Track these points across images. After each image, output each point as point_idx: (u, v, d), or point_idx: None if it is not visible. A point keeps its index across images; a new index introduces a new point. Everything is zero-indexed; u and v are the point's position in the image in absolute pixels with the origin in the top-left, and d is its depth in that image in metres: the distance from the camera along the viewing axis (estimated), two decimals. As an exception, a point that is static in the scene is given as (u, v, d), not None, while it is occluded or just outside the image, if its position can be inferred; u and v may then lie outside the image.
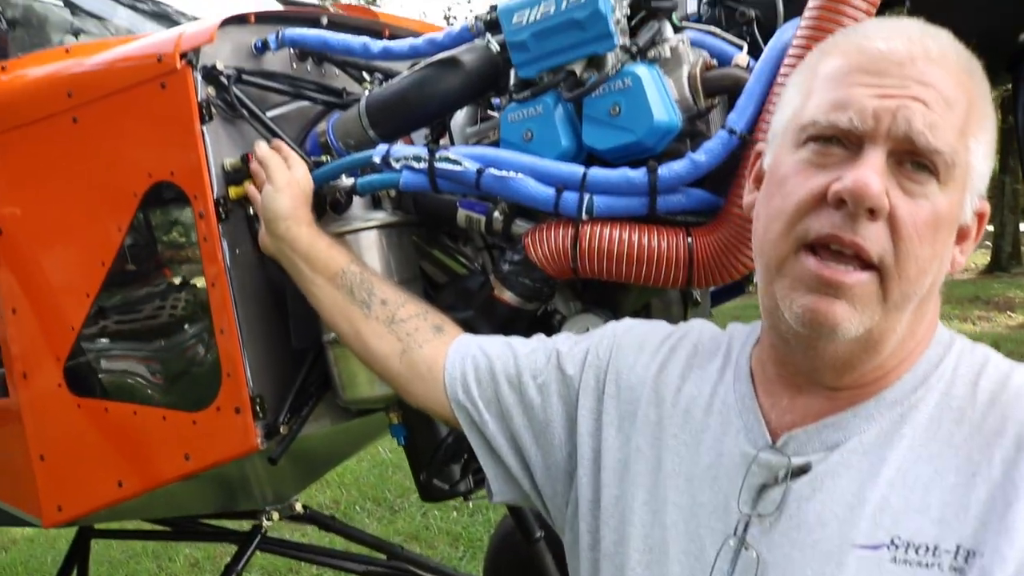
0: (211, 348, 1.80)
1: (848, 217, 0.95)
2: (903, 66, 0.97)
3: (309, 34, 1.86)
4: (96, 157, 1.93)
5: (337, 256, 1.57)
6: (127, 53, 1.94)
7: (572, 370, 1.29)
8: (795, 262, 0.99)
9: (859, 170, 0.95)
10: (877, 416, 1.03)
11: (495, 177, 1.53)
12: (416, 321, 1.47)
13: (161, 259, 1.97)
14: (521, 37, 1.56)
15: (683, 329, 1.29)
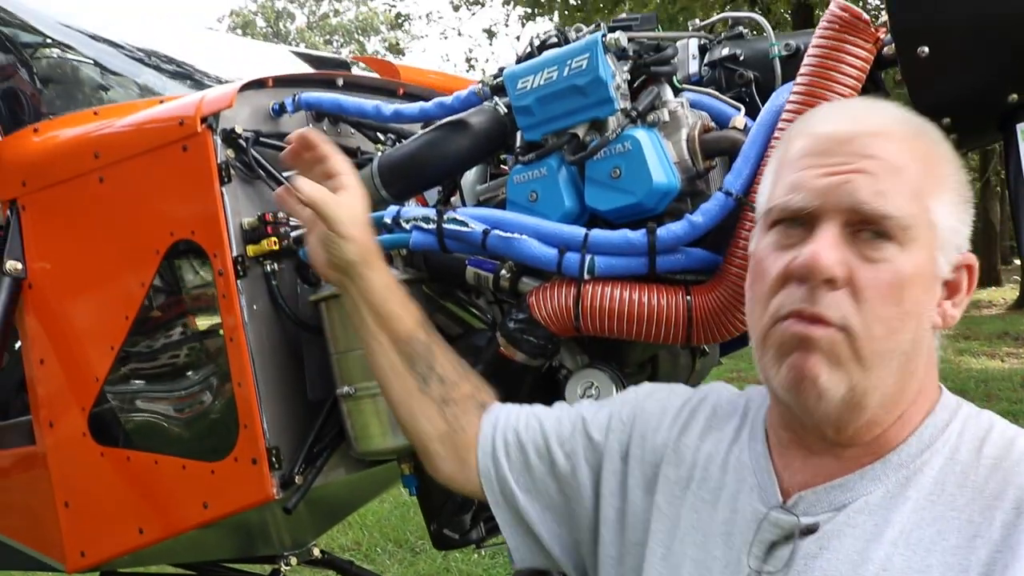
0: (229, 400, 1.86)
1: (809, 291, 1.02)
2: (846, 143, 1.04)
3: (324, 97, 1.94)
4: (121, 215, 2.01)
5: (407, 318, 1.48)
6: (151, 116, 2.02)
7: (597, 436, 1.34)
8: (772, 333, 1.06)
9: (812, 244, 1.02)
10: (883, 478, 1.07)
11: (500, 238, 1.58)
12: (466, 403, 1.47)
13: (182, 314, 2.04)
14: (526, 102, 1.62)
15: (702, 392, 1.35)
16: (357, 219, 1.42)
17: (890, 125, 1.07)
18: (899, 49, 1.46)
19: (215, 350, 1.94)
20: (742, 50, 1.80)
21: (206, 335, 1.99)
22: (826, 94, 1.42)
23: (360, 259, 1.42)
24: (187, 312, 2.03)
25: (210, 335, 1.97)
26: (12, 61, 2.46)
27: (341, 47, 37.68)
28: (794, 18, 15.03)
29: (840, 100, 1.40)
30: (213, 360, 1.95)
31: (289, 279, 1.87)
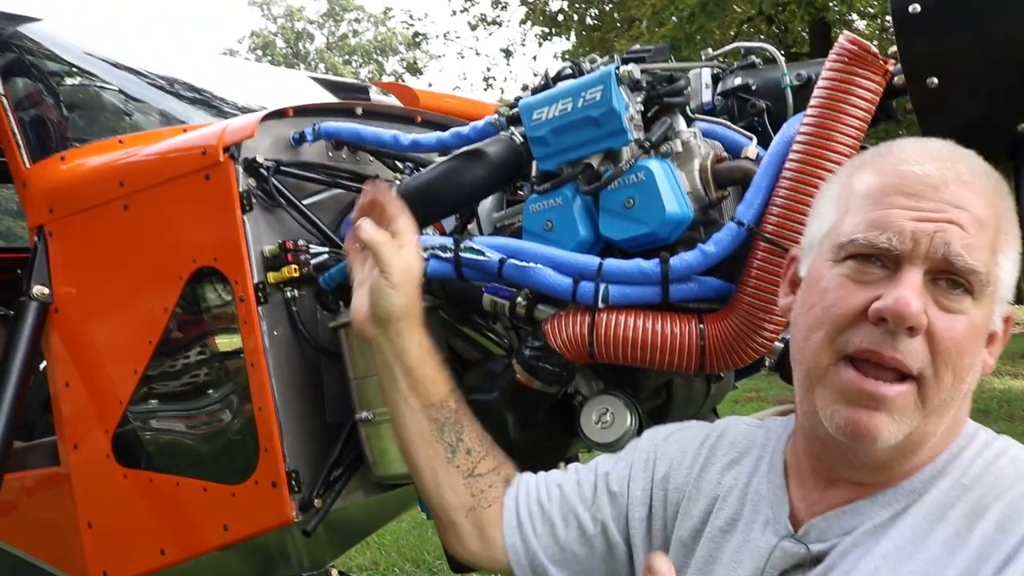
0: (249, 424, 1.88)
1: (888, 334, 1.01)
2: (938, 189, 1.03)
3: (343, 127, 1.97)
4: (145, 242, 2.06)
5: (440, 384, 1.47)
6: (174, 146, 2.07)
7: (619, 488, 1.36)
8: (835, 373, 1.05)
9: (899, 290, 1.01)
10: (893, 502, 1.09)
11: (516, 267, 1.61)
12: (492, 477, 1.46)
13: (203, 339, 2.07)
14: (541, 132, 1.65)
15: (719, 427, 1.37)
16: (410, 274, 1.45)
17: (978, 177, 1.07)
18: (908, 80, 1.48)
19: (236, 374, 1.97)
20: (754, 80, 1.83)
21: (227, 360, 2.03)
22: (836, 126, 1.45)
23: (403, 314, 1.44)
24: (209, 337, 2.06)
25: (231, 360, 2.01)
26: (40, 90, 2.52)
27: (360, 67, 37.94)
28: (811, 37, 15.06)
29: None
30: (234, 384, 1.98)
31: (309, 305, 1.90)
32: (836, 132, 1.44)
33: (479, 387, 1.78)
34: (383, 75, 35.86)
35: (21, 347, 2.18)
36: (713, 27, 12.35)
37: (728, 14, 12.81)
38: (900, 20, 1.46)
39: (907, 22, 1.46)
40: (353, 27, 39.10)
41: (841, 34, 1.52)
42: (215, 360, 2.05)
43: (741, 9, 13.08)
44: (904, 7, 1.46)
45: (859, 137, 1.46)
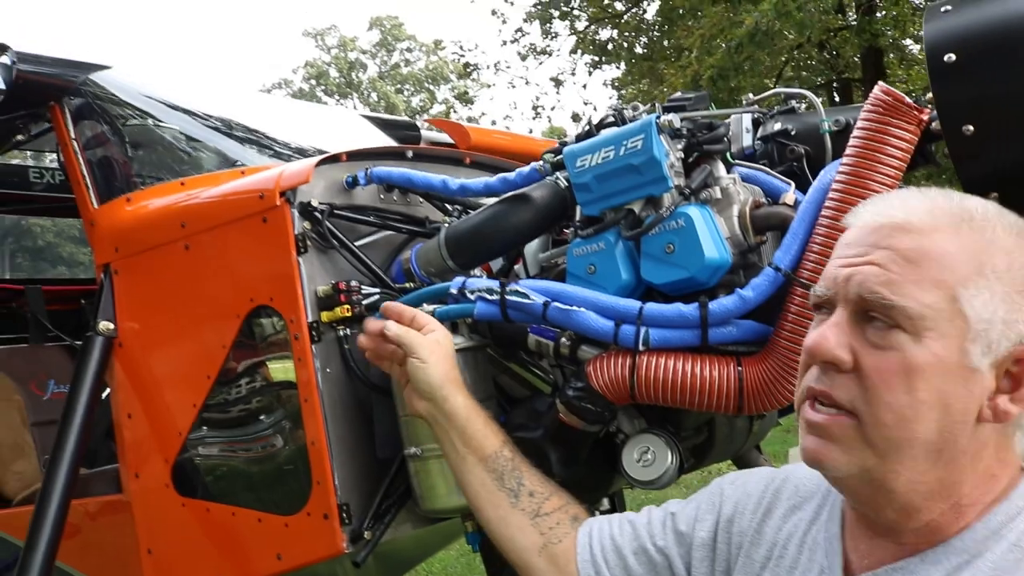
0: (303, 457, 1.95)
1: (821, 371, 1.07)
2: (871, 235, 1.08)
3: (394, 172, 2.05)
4: (204, 281, 2.15)
5: (491, 437, 1.58)
6: (233, 189, 2.16)
7: (685, 527, 1.39)
8: (800, 411, 1.12)
9: (821, 329, 1.08)
10: (943, 561, 1.06)
11: (560, 310, 1.66)
12: (559, 515, 1.51)
13: (259, 375, 2.15)
14: (584, 179, 1.71)
15: (783, 473, 1.38)
16: (439, 346, 1.65)
17: (919, 216, 1.06)
18: (944, 127, 1.51)
19: (290, 410, 2.04)
20: (794, 125, 1.87)
21: (282, 395, 2.10)
22: (871, 174, 1.48)
23: (441, 382, 1.61)
24: (264, 373, 2.14)
25: (285, 395, 2.08)
26: (107, 134, 2.64)
27: (411, 95, 38.37)
28: (863, 62, 14.95)
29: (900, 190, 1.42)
30: (288, 419, 2.06)
31: None
32: (870, 181, 1.48)
33: (524, 425, 1.83)
34: (434, 103, 36.22)
35: (87, 380, 2.28)
36: (763, 56, 12.32)
37: (777, 42, 12.78)
38: (935, 69, 1.49)
39: (942, 71, 1.48)
40: (405, 56, 39.62)
41: (878, 84, 1.56)
42: (270, 395, 2.13)
43: (792, 36, 13.05)
44: (939, 56, 1.49)
45: (893, 185, 1.49)
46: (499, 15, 19.50)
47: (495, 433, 1.59)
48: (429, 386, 1.61)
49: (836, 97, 17.00)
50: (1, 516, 3.11)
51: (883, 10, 13.65)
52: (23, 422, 3.50)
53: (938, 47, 1.49)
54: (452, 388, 1.61)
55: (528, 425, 1.82)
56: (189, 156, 2.70)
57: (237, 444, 2.19)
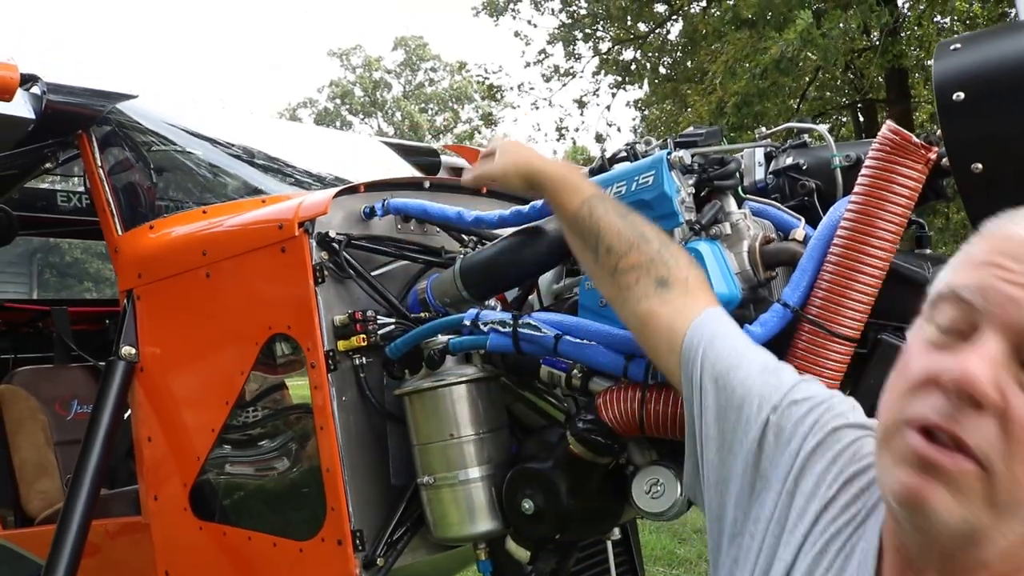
0: (317, 484, 1.98)
1: (953, 406, 0.88)
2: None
3: (411, 203, 2.08)
4: (224, 308, 2.19)
5: (571, 198, 1.57)
6: (253, 219, 2.20)
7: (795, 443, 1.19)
8: (900, 436, 0.93)
9: (968, 357, 0.87)
10: None
11: (571, 343, 1.69)
12: (636, 273, 1.43)
13: (276, 402, 2.19)
14: (597, 213, 1.73)
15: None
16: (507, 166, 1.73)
17: None
18: (953, 165, 1.51)
19: (306, 436, 2.08)
20: (805, 159, 1.88)
21: (298, 422, 2.14)
22: (878, 213, 1.49)
23: (526, 183, 1.70)
24: (281, 400, 2.18)
25: (302, 422, 2.11)
26: (133, 162, 2.70)
27: (435, 115, 38.59)
28: (888, 83, 14.91)
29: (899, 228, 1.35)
30: (304, 446, 2.09)
31: (376, 372, 2.00)
32: (878, 219, 1.49)
33: (535, 456, 1.85)
34: (458, 123, 36.40)
35: (109, 404, 2.33)
36: (787, 81, 12.30)
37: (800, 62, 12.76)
38: (944, 107, 1.50)
39: (951, 109, 1.49)
40: (429, 76, 39.87)
41: (886, 123, 1.57)
42: (286, 422, 2.16)
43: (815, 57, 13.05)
44: (948, 94, 1.50)
45: (902, 224, 1.51)
46: (522, 36, 19.60)
47: (576, 192, 1.57)
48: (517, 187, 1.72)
49: (860, 118, 16.94)
50: (24, 535, 3.17)
51: (907, 31, 13.61)
52: (47, 441, 3.56)
53: (947, 85, 1.51)
54: (536, 176, 1.67)
55: (539, 456, 1.84)
56: (211, 184, 2.75)
57: (253, 469, 2.22)
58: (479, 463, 1.86)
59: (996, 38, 1.54)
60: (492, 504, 1.87)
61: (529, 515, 1.81)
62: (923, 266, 1.63)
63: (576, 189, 1.57)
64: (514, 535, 1.88)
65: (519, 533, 1.87)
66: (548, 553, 1.90)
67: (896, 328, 1.61)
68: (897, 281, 1.58)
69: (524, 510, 1.81)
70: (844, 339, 1.51)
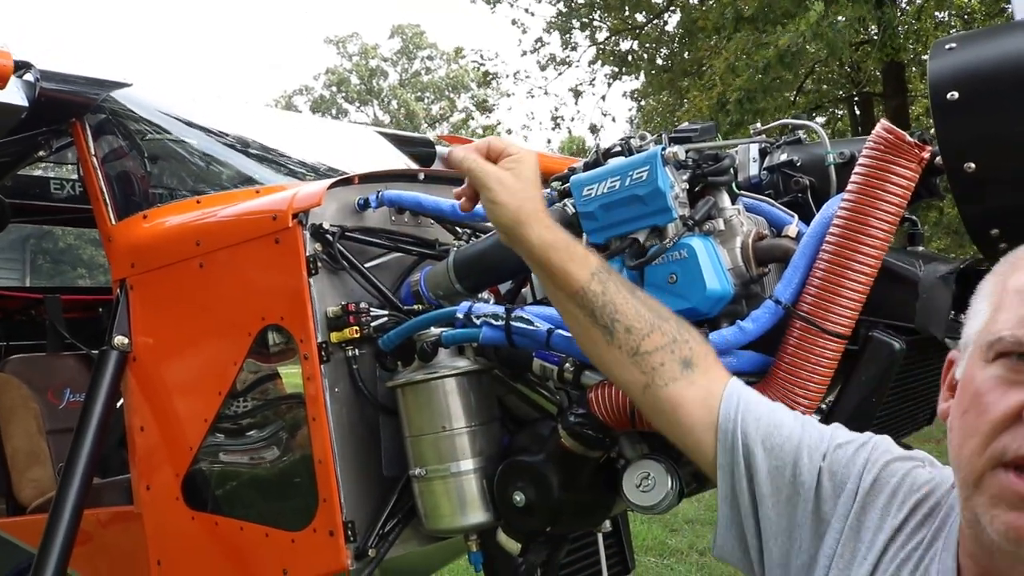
0: (310, 475, 1.98)
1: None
2: None
3: (405, 195, 2.08)
4: (217, 299, 2.19)
5: (577, 272, 1.42)
6: (247, 209, 2.20)
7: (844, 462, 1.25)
8: (993, 478, 0.99)
9: None
10: None
11: (563, 337, 1.69)
12: (662, 355, 1.37)
13: (269, 393, 2.19)
14: (590, 208, 1.73)
15: (933, 483, 1.23)
16: (510, 183, 1.48)
17: None
18: (946, 163, 1.52)
19: (298, 427, 2.08)
20: (799, 156, 1.89)
21: (291, 413, 2.14)
22: (871, 211, 1.50)
23: (514, 222, 1.46)
24: (274, 391, 2.18)
25: (294, 413, 2.12)
26: (126, 151, 2.69)
27: (432, 103, 38.50)
28: (884, 76, 14.91)
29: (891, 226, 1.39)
30: (296, 436, 2.09)
31: (369, 364, 2.00)
32: (871, 217, 1.49)
33: (527, 449, 1.86)
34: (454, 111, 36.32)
35: (102, 394, 2.33)
36: (788, 76, 12.28)
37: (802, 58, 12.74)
38: (938, 105, 1.50)
39: (945, 108, 1.50)
40: (426, 64, 39.79)
41: (880, 121, 1.58)
42: (279, 413, 2.17)
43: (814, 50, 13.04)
44: (942, 93, 1.50)
45: (895, 221, 1.51)
46: (519, 25, 19.57)
47: (582, 265, 1.43)
48: (502, 226, 1.47)
49: (856, 111, 16.95)
50: (16, 523, 3.17)
51: (904, 24, 13.60)
52: (39, 430, 3.55)
53: (941, 84, 1.51)
54: (525, 226, 1.45)
55: (530, 449, 1.85)
56: (206, 173, 2.74)
57: (246, 459, 2.22)
58: (471, 455, 1.87)
59: (992, 38, 1.54)
60: (483, 496, 1.87)
61: (520, 508, 1.81)
62: (915, 264, 1.64)
63: (583, 259, 1.45)
64: (505, 527, 1.89)
65: (510, 525, 1.88)
66: (539, 545, 1.91)
67: (887, 325, 1.62)
68: (889, 279, 1.59)
69: (515, 503, 1.82)
70: (835, 336, 1.52)
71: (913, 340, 1.61)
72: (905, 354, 1.59)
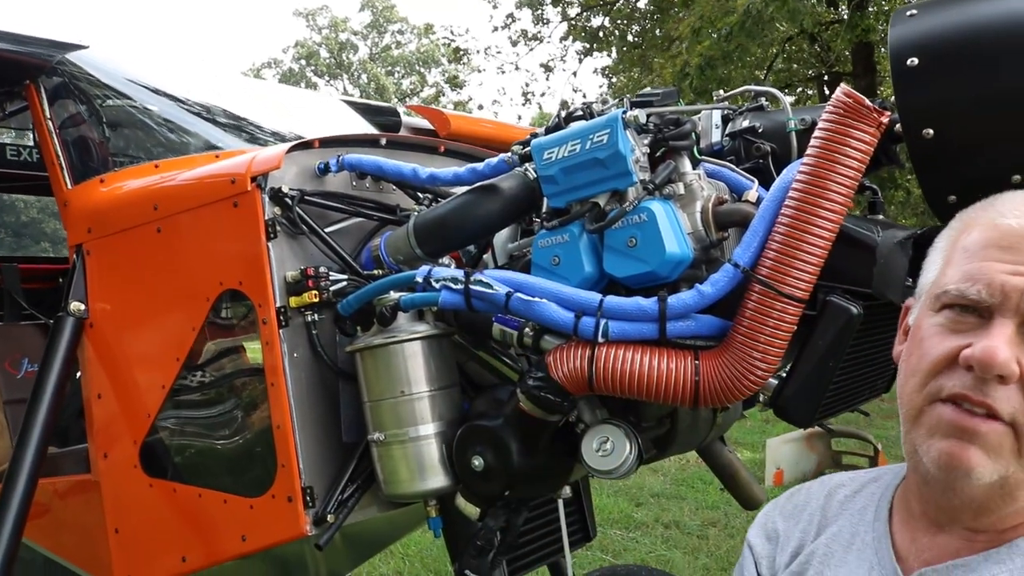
0: (268, 441, 1.97)
1: (978, 380, 1.02)
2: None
3: (365, 159, 2.06)
4: (175, 264, 2.16)
5: None
6: (206, 173, 2.17)
7: None
8: (931, 411, 1.07)
9: (988, 340, 1.02)
10: (1007, 561, 1.07)
11: (522, 300, 1.68)
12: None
13: (227, 358, 2.16)
14: (551, 171, 1.72)
15: (829, 485, 1.37)
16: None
17: None
18: (905, 130, 1.53)
19: (257, 393, 2.06)
20: (761, 122, 1.89)
21: (249, 379, 2.12)
22: (830, 175, 1.49)
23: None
24: (232, 356, 2.16)
25: (253, 378, 2.10)
26: (83, 114, 2.64)
27: (402, 78, 38.21)
28: (854, 56, 14.99)
29: (849, 191, 1.42)
30: (255, 402, 2.07)
31: (328, 329, 1.98)
32: (829, 181, 1.49)
33: (486, 413, 1.85)
34: (424, 86, 36.08)
35: (58, 360, 2.29)
36: (753, 46, 12.30)
37: (768, 33, 12.76)
38: (897, 72, 1.51)
39: (904, 75, 1.50)
40: (396, 39, 39.42)
41: (840, 86, 1.58)
42: (237, 378, 2.15)
43: (784, 28, 13.05)
44: (902, 59, 1.50)
45: (853, 186, 1.51)
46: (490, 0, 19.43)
47: None
48: None
49: (826, 91, 17.02)
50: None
51: (874, 5, 13.66)
52: (-4, 400, 3.51)
53: (902, 51, 1.51)
54: None
55: (489, 413, 1.84)
56: (165, 139, 2.69)
57: (204, 426, 2.20)
58: (430, 420, 1.86)
59: (952, 5, 1.54)
60: (443, 461, 1.87)
61: (479, 472, 1.81)
62: (873, 230, 1.64)
63: None
64: (464, 492, 1.89)
65: (469, 490, 1.88)
66: (498, 510, 1.91)
67: (845, 291, 1.63)
68: (847, 244, 1.59)
69: (474, 467, 1.82)
70: (793, 300, 1.52)
71: (870, 306, 1.62)
72: (862, 319, 1.60)
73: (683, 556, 5.57)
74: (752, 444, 8.36)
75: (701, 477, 7.21)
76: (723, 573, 5.26)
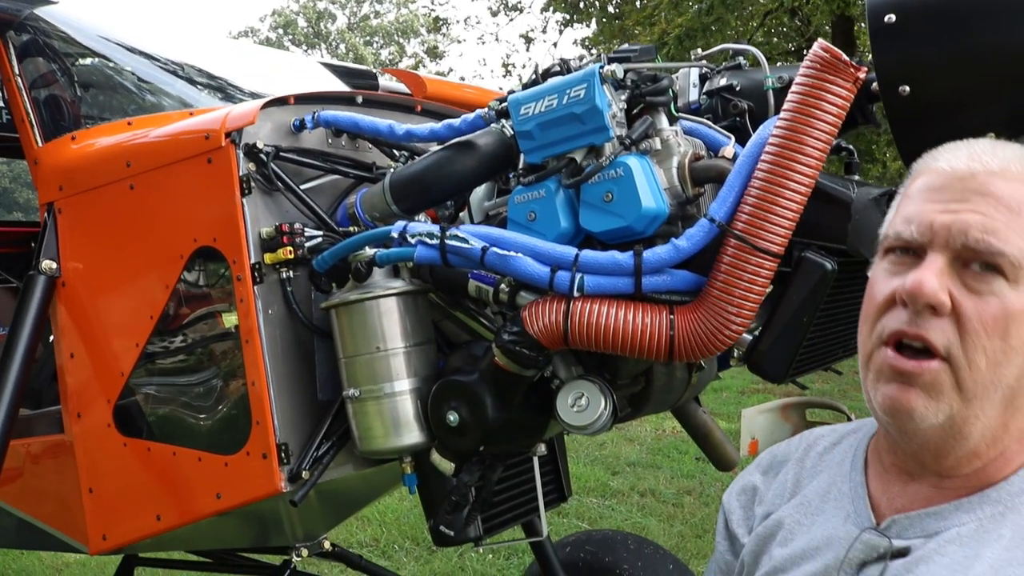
0: (243, 398, 1.97)
1: (913, 314, 1.04)
2: (964, 181, 1.07)
3: (341, 116, 2.04)
4: (149, 221, 2.14)
5: None
6: (179, 129, 2.14)
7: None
8: (877, 355, 1.09)
9: (917, 272, 1.05)
10: (978, 510, 1.08)
11: (498, 255, 1.68)
12: None
13: (201, 316, 2.15)
14: (528, 127, 1.72)
15: (809, 439, 1.38)
16: None
17: (1010, 165, 1.08)
18: (881, 87, 1.53)
19: (232, 350, 2.05)
20: (739, 81, 1.89)
21: (223, 336, 2.11)
22: (806, 130, 1.50)
23: None
24: (207, 314, 2.14)
25: (227, 336, 2.09)
26: (53, 71, 2.60)
27: (381, 48, 37.90)
28: (834, 30, 14.99)
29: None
30: (229, 360, 2.06)
31: (303, 286, 1.98)
32: (806, 136, 1.50)
33: (461, 369, 1.85)
34: (404, 57, 35.82)
35: (29, 319, 2.27)
36: (732, 18, 12.28)
37: (748, 5, 12.74)
38: (875, 29, 1.51)
39: (881, 31, 1.50)
40: (375, 8, 39.07)
41: (817, 40, 1.58)
42: (212, 335, 2.14)
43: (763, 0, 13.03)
44: (879, 16, 1.50)
45: (829, 141, 1.51)
46: (471, -31, 19.24)
47: None
48: None
49: (805, 64, 17.00)
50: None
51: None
52: (-32, 363, 3.46)
53: (879, 8, 1.51)
54: None
55: (464, 368, 1.84)
56: (138, 96, 2.66)
57: (178, 384, 2.19)
58: (405, 376, 1.86)
59: None
60: (418, 417, 1.87)
61: (453, 427, 1.82)
62: (848, 186, 1.65)
63: None
64: (439, 447, 1.89)
65: (443, 445, 1.88)
66: (472, 466, 1.91)
67: (820, 247, 1.64)
68: (822, 200, 1.60)
69: (449, 422, 1.82)
70: (769, 255, 1.53)
71: (845, 262, 1.63)
72: (836, 275, 1.61)
73: (658, 523, 5.62)
74: (727, 414, 8.42)
75: (677, 447, 7.27)
76: (698, 540, 5.31)
